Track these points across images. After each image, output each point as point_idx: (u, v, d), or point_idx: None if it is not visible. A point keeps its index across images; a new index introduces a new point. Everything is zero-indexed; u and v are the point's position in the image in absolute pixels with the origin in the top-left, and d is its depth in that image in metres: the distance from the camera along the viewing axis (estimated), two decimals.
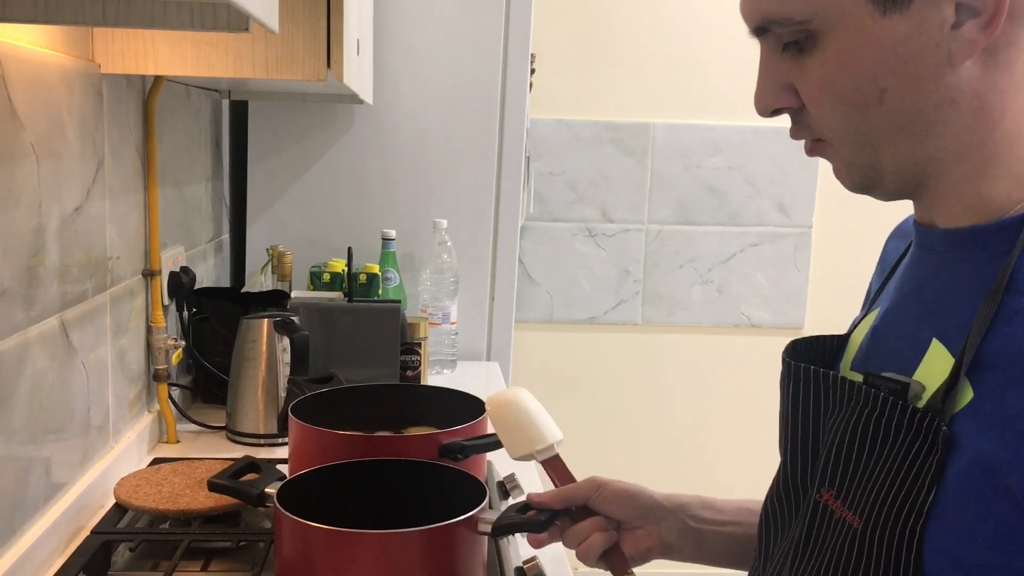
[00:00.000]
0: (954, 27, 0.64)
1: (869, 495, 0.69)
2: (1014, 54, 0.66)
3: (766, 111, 0.74)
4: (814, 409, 0.78)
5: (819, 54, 0.68)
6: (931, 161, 0.70)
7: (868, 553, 0.68)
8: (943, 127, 0.68)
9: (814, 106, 0.71)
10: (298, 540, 0.96)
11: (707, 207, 2.92)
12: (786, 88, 0.72)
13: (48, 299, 1.12)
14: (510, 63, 2.16)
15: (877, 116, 0.68)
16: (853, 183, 0.74)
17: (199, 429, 1.64)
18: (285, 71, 1.26)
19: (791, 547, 0.78)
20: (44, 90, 1.10)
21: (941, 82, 0.66)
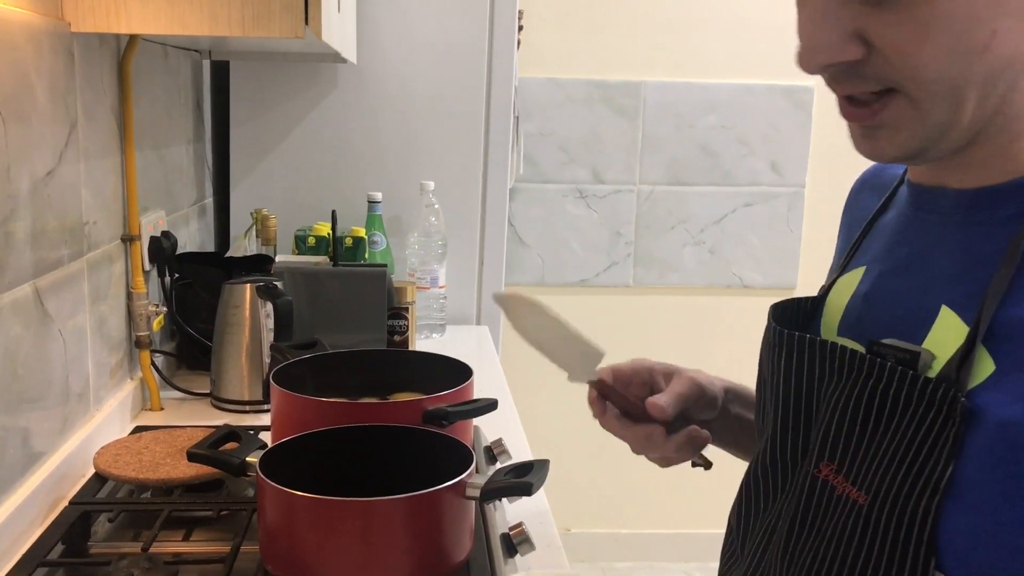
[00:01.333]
0: None
1: (877, 471, 0.65)
2: None
3: (822, 65, 0.65)
4: (807, 379, 0.74)
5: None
6: (997, 117, 0.64)
7: (875, 531, 0.65)
8: (1020, 76, 0.63)
9: (903, 54, 0.62)
10: (282, 509, 0.94)
11: (700, 167, 2.89)
12: (853, 36, 0.63)
13: (21, 266, 1.09)
14: (497, 20, 2.12)
15: (981, 63, 0.61)
16: (909, 146, 0.66)
17: (183, 396, 1.62)
18: (262, 28, 1.22)
19: (787, 525, 0.74)
20: (9, 50, 1.06)
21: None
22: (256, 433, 1.25)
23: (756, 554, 0.78)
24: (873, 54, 0.63)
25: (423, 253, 2.05)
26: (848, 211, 0.87)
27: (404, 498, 0.92)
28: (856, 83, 0.65)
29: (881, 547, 0.64)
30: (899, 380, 0.65)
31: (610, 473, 3.00)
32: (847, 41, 0.63)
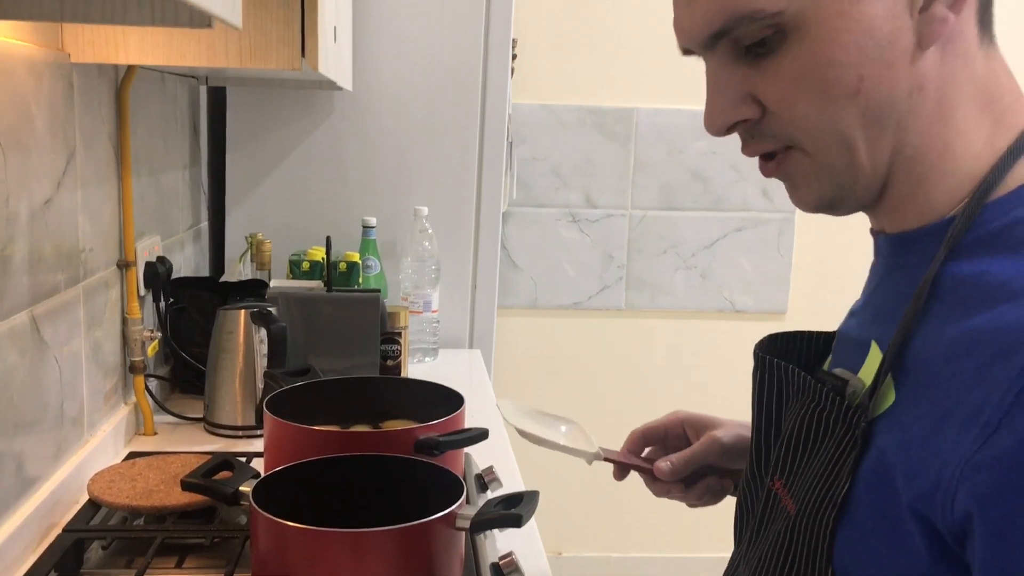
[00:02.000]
0: (922, 9, 0.64)
1: (804, 484, 0.71)
2: (965, 44, 0.66)
3: (723, 128, 0.70)
4: (776, 401, 0.80)
5: (791, 48, 0.65)
6: (896, 158, 0.68)
7: (797, 538, 0.70)
8: (912, 117, 0.66)
9: (784, 107, 0.67)
10: (274, 539, 0.95)
11: (691, 192, 2.92)
12: (744, 98, 0.68)
13: (17, 294, 1.10)
14: (491, 47, 2.14)
15: (854, 108, 0.65)
16: (821, 194, 0.70)
17: (177, 420, 1.62)
18: (259, 61, 1.24)
19: (748, 534, 0.81)
20: (10, 81, 1.08)
21: (912, 67, 0.65)
22: (249, 460, 1.26)
23: (742, 562, 0.83)
24: (767, 113, 0.68)
25: (416, 277, 2.07)
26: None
27: (395, 529, 0.93)
28: (760, 143, 0.70)
29: (801, 553, 0.70)
30: (830, 404, 0.70)
31: (602, 497, 3.01)
32: (741, 103, 0.68)
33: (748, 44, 0.66)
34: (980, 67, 0.67)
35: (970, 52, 0.66)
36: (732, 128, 0.70)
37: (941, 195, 0.68)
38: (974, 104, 0.67)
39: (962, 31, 0.65)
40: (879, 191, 0.70)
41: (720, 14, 0.66)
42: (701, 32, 0.68)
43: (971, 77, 0.66)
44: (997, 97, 0.68)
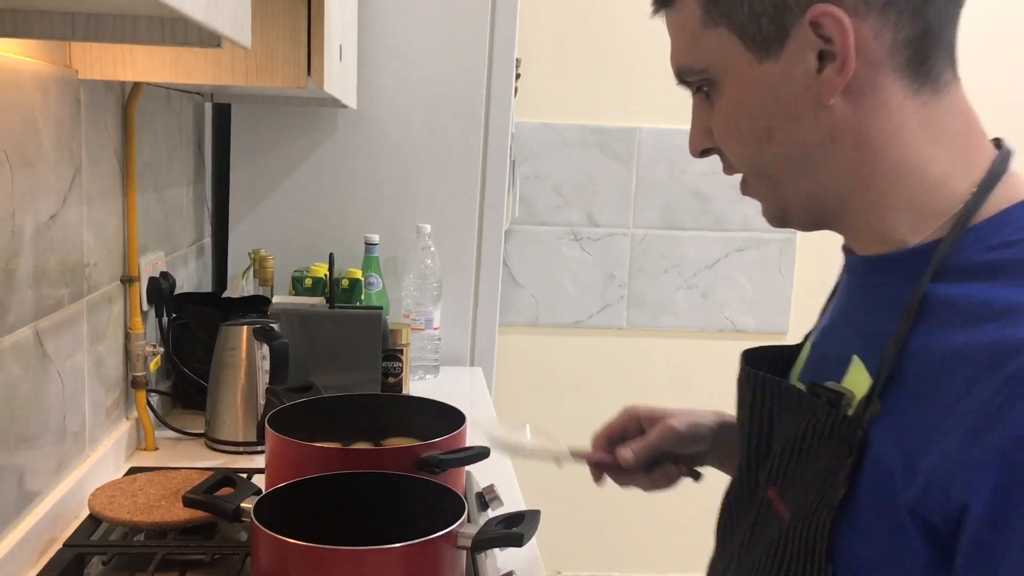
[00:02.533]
0: (818, 71, 0.72)
1: (799, 490, 0.76)
2: (883, 95, 0.72)
3: (695, 152, 0.83)
4: (768, 413, 0.84)
5: (719, 98, 0.77)
6: (829, 194, 0.76)
7: (792, 542, 0.75)
8: (830, 161, 0.74)
9: (722, 144, 0.79)
10: (275, 556, 0.95)
11: (692, 212, 2.92)
12: (707, 131, 0.80)
13: (22, 308, 1.11)
14: (495, 67, 2.15)
15: (769, 153, 0.76)
16: (771, 216, 0.81)
17: (178, 436, 1.62)
18: (265, 79, 1.25)
19: (740, 539, 0.85)
20: (18, 96, 1.09)
21: (817, 121, 0.73)
22: (250, 476, 1.26)
23: (730, 568, 0.87)
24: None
25: (418, 295, 2.07)
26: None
27: (396, 548, 0.93)
28: (727, 168, 0.82)
29: (797, 556, 0.74)
30: (825, 416, 0.75)
31: (602, 516, 3.00)
32: (703, 134, 0.81)
33: (697, 87, 0.79)
34: (914, 115, 0.73)
35: (893, 102, 0.73)
36: (705, 153, 0.82)
37: (901, 225, 0.74)
38: (917, 145, 0.73)
39: (877, 87, 0.72)
40: (823, 218, 0.79)
41: (674, 66, 0.81)
42: (675, 73, 0.81)
43: (901, 124, 0.73)
44: (945, 136, 0.73)
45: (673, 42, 0.80)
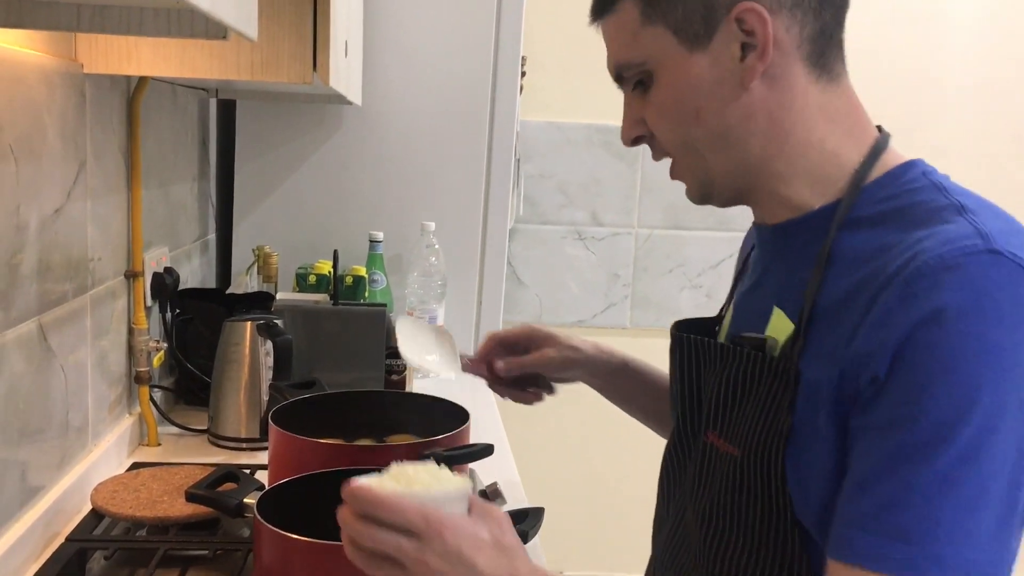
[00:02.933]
0: (741, 59, 0.85)
1: (744, 429, 0.87)
2: (792, 81, 0.86)
3: (628, 140, 0.94)
4: (697, 370, 0.97)
5: (655, 88, 0.89)
6: (747, 166, 0.89)
7: (746, 475, 0.86)
8: (748, 137, 0.87)
9: (656, 129, 0.91)
10: (278, 552, 0.95)
11: (697, 212, 2.91)
12: (639, 121, 0.92)
13: (26, 302, 1.11)
14: (501, 65, 2.15)
15: (698, 130, 0.88)
16: (695, 192, 0.93)
17: (181, 432, 1.62)
18: (270, 74, 1.25)
19: (689, 484, 0.95)
20: (24, 90, 1.09)
21: (739, 101, 0.86)
22: (253, 472, 1.26)
23: (677, 516, 0.98)
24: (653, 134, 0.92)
25: (422, 292, 2.07)
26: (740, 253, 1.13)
27: None
28: (656, 154, 0.95)
29: (752, 487, 0.86)
30: (753, 361, 0.88)
31: (606, 517, 3.00)
32: (637, 123, 0.93)
33: (635, 83, 0.91)
34: (814, 98, 0.87)
35: (798, 87, 0.87)
36: (636, 141, 0.94)
37: (803, 192, 0.89)
38: (816, 124, 0.88)
39: (788, 73, 0.86)
40: (740, 191, 0.92)
41: (612, 63, 0.93)
42: (611, 72, 0.94)
43: (804, 105, 0.87)
44: (837, 118, 0.88)
45: (612, 45, 0.92)
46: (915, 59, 2.90)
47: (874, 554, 0.74)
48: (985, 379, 0.74)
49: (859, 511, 0.76)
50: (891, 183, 0.86)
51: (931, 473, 0.73)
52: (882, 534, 0.75)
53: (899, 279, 0.77)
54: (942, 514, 0.73)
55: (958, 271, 0.75)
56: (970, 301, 0.74)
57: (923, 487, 0.74)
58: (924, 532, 0.73)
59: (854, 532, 0.76)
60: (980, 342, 0.74)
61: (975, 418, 0.73)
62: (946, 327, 0.74)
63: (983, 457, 0.73)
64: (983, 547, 0.74)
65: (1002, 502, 0.74)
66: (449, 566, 0.77)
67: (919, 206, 0.83)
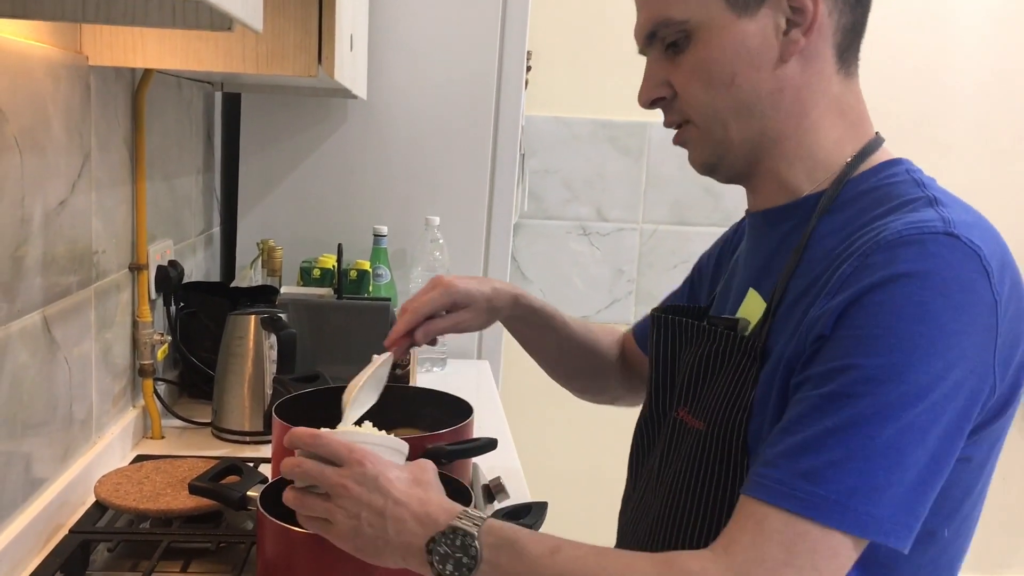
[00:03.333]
0: (784, 33, 0.88)
1: (711, 404, 0.92)
2: (822, 66, 0.90)
3: (648, 101, 0.95)
4: (671, 349, 1.02)
5: (691, 48, 0.90)
6: (761, 141, 0.91)
7: (709, 448, 0.91)
8: (773, 111, 0.90)
9: (684, 89, 0.92)
10: (281, 545, 0.95)
11: (702, 208, 2.91)
12: (663, 83, 0.93)
13: (30, 294, 1.11)
14: (506, 59, 2.15)
15: (729, 96, 0.89)
16: (704, 160, 0.95)
17: (184, 425, 1.62)
18: (276, 67, 1.25)
19: (657, 460, 1.00)
20: (29, 82, 1.09)
21: (774, 74, 0.88)
22: (256, 466, 1.26)
23: (643, 490, 1.02)
24: (676, 96, 0.93)
25: None
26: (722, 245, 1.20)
27: None
28: (671, 117, 0.95)
29: (716, 459, 0.90)
30: (725, 340, 0.92)
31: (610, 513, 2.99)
32: (659, 85, 0.94)
33: (668, 44, 0.92)
34: (835, 87, 0.91)
35: (826, 72, 0.90)
36: (655, 104, 0.95)
37: (799, 176, 0.92)
38: (829, 111, 0.91)
39: (819, 55, 0.89)
40: (748, 165, 0.93)
41: (650, 21, 0.92)
42: (642, 34, 0.94)
43: (825, 91, 0.90)
44: (847, 111, 0.92)
45: (653, 1, 0.92)
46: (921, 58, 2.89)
47: (779, 490, 0.77)
48: (920, 347, 0.75)
49: (775, 452, 0.79)
50: (873, 176, 0.90)
51: (851, 423, 0.75)
52: (792, 472, 0.77)
53: (859, 254, 0.80)
54: (854, 464, 0.75)
55: (915, 246, 0.78)
56: (920, 272, 0.77)
57: (841, 435, 0.76)
58: (831, 477, 0.75)
59: (767, 470, 0.79)
60: (922, 309, 0.76)
61: (903, 383, 0.75)
62: (892, 290, 0.77)
63: (905, 421, 0.75)
64: (887, 505, 0.75)
65: (918, 471, 0.76)
66: (366, 491, 0.83)
67: (894, 196, 0.86)
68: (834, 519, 0.75)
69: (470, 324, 1.20)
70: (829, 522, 0.75)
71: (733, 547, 0.77)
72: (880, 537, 0.76)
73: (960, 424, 0.78)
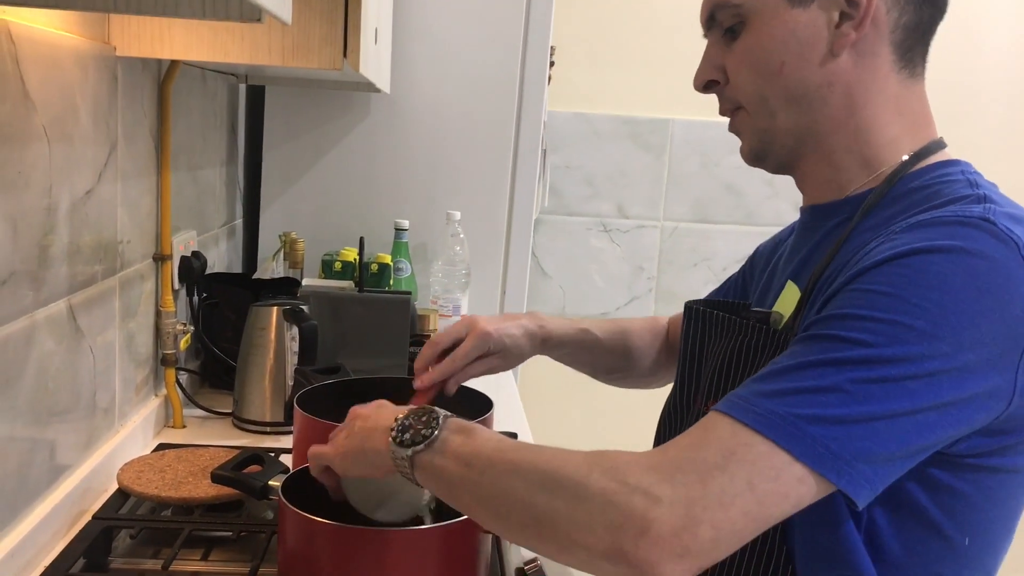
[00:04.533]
0: (837, 25, 0.87)
1: None
2: (878, 63, 0.88)
3: (701, 84, 0.96)
4: (701, 341, 1.01)
5: (744, 34, 0.90)
6: (810, 133, 0.90)
7: None
8: (821, 104, 0.89)
9: (735, 75, 0.92)
10: (302, 535, 0.96)
11: (724, 205, 2.90)
12: (718, 67, 0.94)
13: (56, 282, 1.12)
14: (529, 55, 2.15)
15: (777, 85, 0.89)
16: (752, 149, 0.95)
17: (206, 414, 1.63)
18: (301, 59, 1.25)
19: None
20: (58, 72, 1.10)
21: (824, 66, 0.88)
22: (277, 456, 1.26)
23: None
24: (729, 82, 0.93)
25: (446, 281, 2.07)
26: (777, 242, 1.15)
27: (421, 530, 0.94)
28: (724, 104, 0.96)
29: None
30: (757, 333, 0.91)
31: None
32: (713, 70, 0.94)
33: (725, 28, 0.92)
34: (893, 86, 0.89)
35: (881, 71, 0.89)
36: (708, 88, 0.96)
37: (849, 172, 0.91)
38: (884, 109, 0.89)
39: (876, 53, 0.88)
40: (795, 156, 0.93)
41: (709, 3, 0.93)
42: (703, 16, 0.95)
43: (881, 88, 0.89)
44: (907, 113, 0.90)
45: None
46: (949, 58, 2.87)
47: (738, 404, 0.74)
48: (929, 314, 0.72)
49: (753, 379, 0.76)
50: (926, 175, 0.88)
51: (832, 362, 0.72)
52: (756, 392, 0.74)
53: (888, 232, 0.80)
54: (824, 397, 0.71)
55: (947, 227, 0.76)
56: (947, 247, 0.74)
57: (819, 368, 0.72)
58: (794, 402, 0.71)
59: (736, 390, 0.76)
60: (940, 279, 0.72)
61: (905, 344, 0.71)
62: (912, 260, 0.74)
63: (892, 375, 0.71)
64: (847, 446, 0.70)
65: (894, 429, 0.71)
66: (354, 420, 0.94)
67: (944, 195, 0.84)
68: (783, 437, 0.70)
69: (499, 368, 1.23)
70: (779, 440, 0.70)
71: (671, 447, 0.74)
72: (832, 475, 0.70)
73: (960, 415, 0.73)
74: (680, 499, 0.69)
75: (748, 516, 0.70)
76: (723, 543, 0.70)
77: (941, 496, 0.80)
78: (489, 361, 1.21)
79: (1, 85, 0.95)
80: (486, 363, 1.21)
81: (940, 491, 0.80)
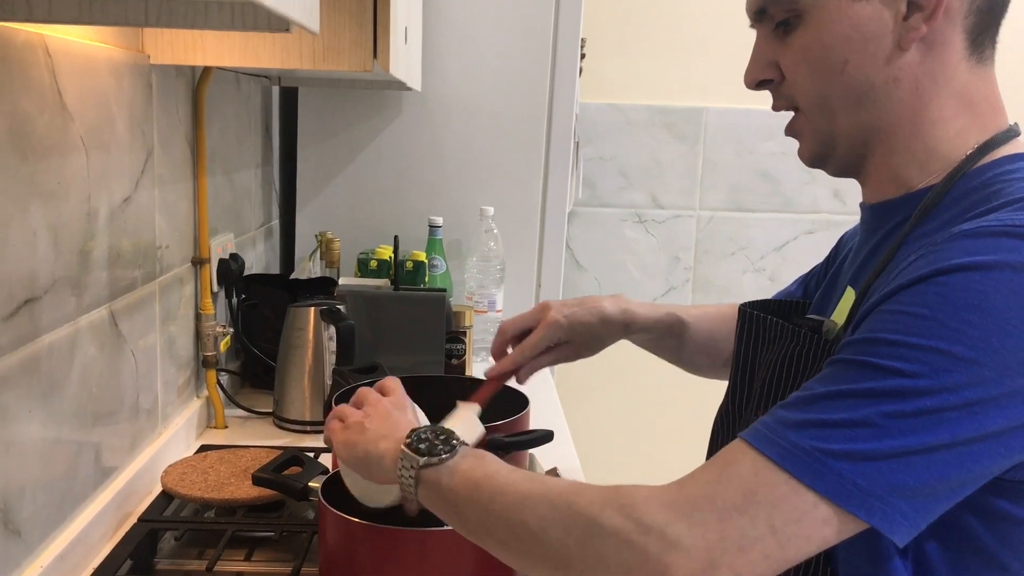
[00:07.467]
0: (904, 18, 0.80)
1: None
2: (948, 53, 0.82)
3: (753, 82, 0.90)
4: (753, 347, 0.96)
5: (802, 30, 0.84)
6: (873, 132, 0.85)
7: None
8: (886, 102, 0.83)
9: (792, 73, 0.86)
10: (342, 535, 0.97)
11: (760, 193, 2.87)
12: (771, 64, 0.88)
13: (97, 290, 1.14)
14: (560, 47, 2.14)
15: (839, 83, 0.83)
16: (812, 153, 0.89)
17: (247, 415, 1.66)
18: (332, 62, 1.26)
19: None
20: (93, 82, 1.11)
21: (890, 62, 0.82)
22: (316, 456, 1.28)
23: None
24: (785, 79, 0.87)
25: (481, 277, 2.07)
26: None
27: None
28: (779, 103, 0.90)
29: None
30: (810, 343, 0.86)
31: None
32: (767, 67, 0.88)
33: (778, 22, 0.86)
34: (962, 76, 0.83)
35: (951, 61, 0.82)
36: (761, 85, 0.90)
37: (911, 169, 0.85)
38: (951, 101, 0.83)
39: (946, 43, 0.81)
40: (859, 158, 0.88)
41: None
42: (752, 8, 0.89)
43: (949, 80, 0.82)
44: (976, 102, 0.83)
45: None
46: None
47: (762, 434, 0.71)
48: (968, 337, 0.67)
49: (782, 404, 0.73)
50: (989, 171, 0.81)
51: (863, 393, 0.68)
52: (782, 421, 0.70)
53: (930, 242, 0.75)
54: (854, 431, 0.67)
55: (991, 239, 0.70)
56: (988, 263, 0.69)
57: (848, 398, 0.68)
58: (820, 435, 0.68)
59: (765, 417, 0.73)
60: (981, 298, 0.68)
61: (942, 373, 0.67)
62: (949, 279, 0.69)
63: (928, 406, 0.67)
64: (880, 481, 0.67)
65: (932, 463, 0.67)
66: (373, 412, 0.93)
67: (1002, 195, 0.77)
68: (807, 474, 0.67)
69: (573, 356, 1.20)
70: (803, 477, 0.67)
71: (690, 482, 0.71)
72: (862, 512, 0.67)
73: (1010, 443, 0.68)
74: (698, 542, 0.67)
75: (769, 560, 0.68)
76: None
77: (996, 524, 0.75)
78: (562, 350, 1.18)
79: (39, 98, 0.97)
80: (558, 352, 1.18)
81: (996, 519, 0.75)
